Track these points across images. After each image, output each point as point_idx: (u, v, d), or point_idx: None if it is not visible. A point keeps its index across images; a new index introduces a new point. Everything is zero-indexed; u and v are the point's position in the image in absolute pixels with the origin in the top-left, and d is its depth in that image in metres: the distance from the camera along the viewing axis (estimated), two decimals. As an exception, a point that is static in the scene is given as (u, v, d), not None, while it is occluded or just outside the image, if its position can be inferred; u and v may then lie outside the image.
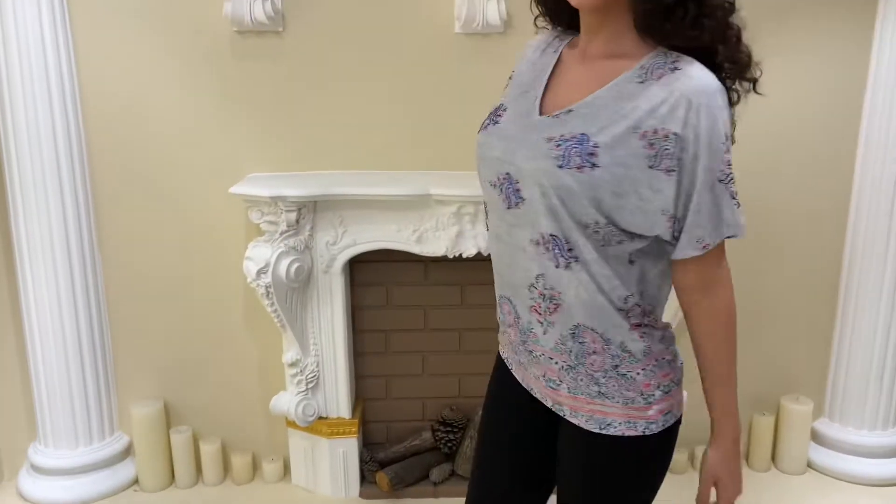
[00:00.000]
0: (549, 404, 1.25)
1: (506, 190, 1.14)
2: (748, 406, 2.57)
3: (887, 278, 2.37)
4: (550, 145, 1.08)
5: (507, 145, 1.14)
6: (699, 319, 1.16)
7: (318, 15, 2.19)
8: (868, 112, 2.35)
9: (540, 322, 1.17)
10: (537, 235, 1.12)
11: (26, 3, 2.05)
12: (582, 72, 1.15)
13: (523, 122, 1.15)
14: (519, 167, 1.11)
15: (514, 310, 1.21)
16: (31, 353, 2.29)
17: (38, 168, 2.15)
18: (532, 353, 1.21)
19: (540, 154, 1.08)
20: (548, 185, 1.07)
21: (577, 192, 1.06)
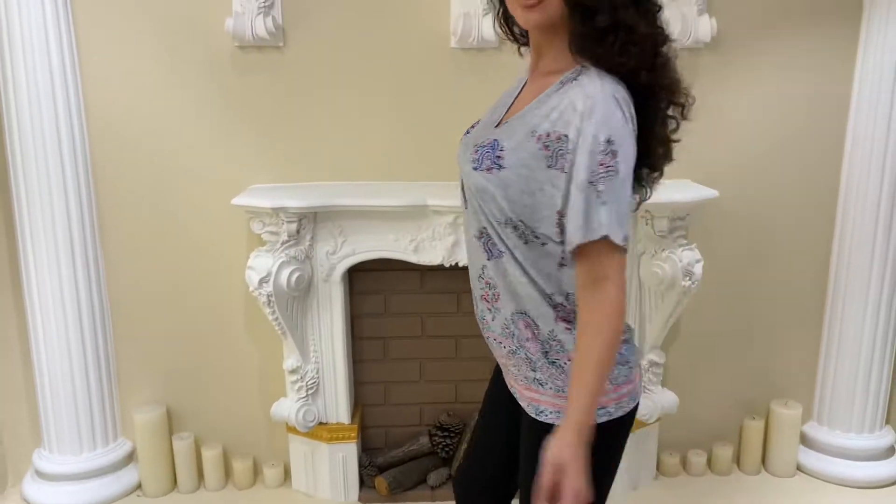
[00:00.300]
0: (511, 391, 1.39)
1: (463, 192, 1.34)
2: (739, 410, 2.63)
3: (872, 286, 2.43)
4: (471, 151, 1.27)
5: (461, 154, 1.33)
6: (581, 311, 1.19)
7: (318, 30, 2.24)
8: (853, 125, 2.41)
9: (489, 309, 1.32)
10: (476, 231, 1.29)
11: (32, 19, 2.10)
12: (530, 88, 1.29)
13: (477, 133, 1.33)
14: (463, 172, 1.31)
15: (475, 301, 1.37)
16: (36, 359, 2.34)
17: (44, 178, 2.20)
18: (489, 339, 1.36)
19: (467, 160, 1.28)
20: (471, 186, 1.27)
21: (490, 191, 1.22)
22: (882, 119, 2.33)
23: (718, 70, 2.33)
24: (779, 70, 2.36)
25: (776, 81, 2.37)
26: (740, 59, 2.34)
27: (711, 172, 2.39)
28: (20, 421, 2.49)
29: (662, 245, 2.24)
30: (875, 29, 2.31)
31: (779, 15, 2.32)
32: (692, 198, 2.19)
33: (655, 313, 2.34)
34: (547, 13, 1.19)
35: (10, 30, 2.10)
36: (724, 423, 2.63)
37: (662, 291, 2.27)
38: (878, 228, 2.39)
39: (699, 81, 2.32)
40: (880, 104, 2.33)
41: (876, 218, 2.39)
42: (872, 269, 2.42)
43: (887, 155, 2.34)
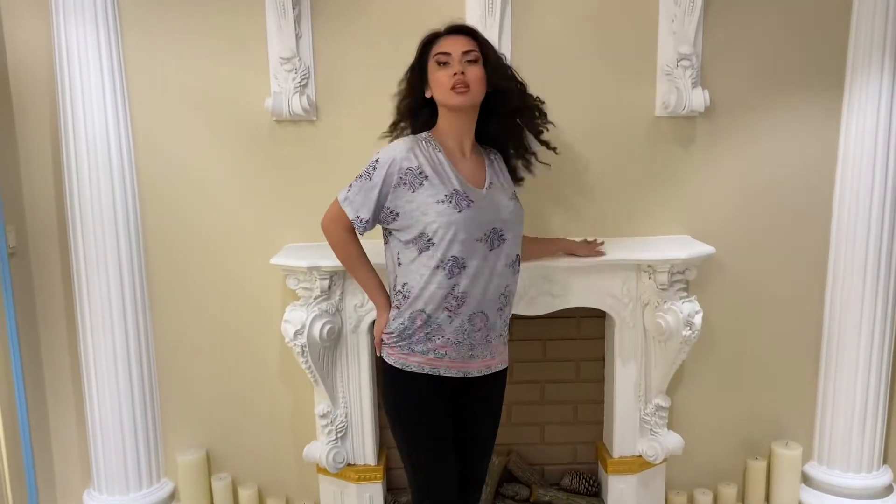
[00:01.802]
0: (482, 373, 1.93)
1: (490, 238, 1.84)
2: (742, 451, 2.78)
3: (863, 331, 2.58)
4: (508, 197, 1.93)
5: (491, 209, 1.86)
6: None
7: (347, 107, 2.48)
8: (840, 181, 2.59)
9: (500, 315, 1.92)
10: (514, 257, 1.91)
11: (93, 96, 2.36)
12: (471, 163, 1.92)
13: (478, 194, 1.88)
14: (504, 220, 1.87)
15: (486, 316, 1.88)
16: (88, 406, 2.54)
17: (100, 237, 2.42)
18: (489, 341, 1.91)
19: (504, 207, 1.90)
20: (515, 221, 1.90)
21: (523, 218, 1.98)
22: (866, 175, 2.51)
23: (712, 136, 2.54)
24: (769, 134, 2.56)
25: (767, 144, 2.56)
26: (732, 126, 2.55)
27: (709, 228, 2.58)
28: (72, 463, 2.69)
29: (664, 297, 2.42)
30: (857, 93, 2.51)
31: (767, 84, 2.53)
32: (690, 254, 2.38)
33: (659, 360, 2.51)
34: (471, 98, 1.83)
35: (73, 106, 2.35)
36: (728, 463, 2.77)
37: (665, 340, 2.45)
38: (866, 278, 2.56)
39: (695, 146, 2.57)
40: (864, 162, 2.51)
41: (864, 268, 2.55)
42: (863, 315, 2.58)
43: (872, 208, 2.52)
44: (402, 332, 1.89)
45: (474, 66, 1.84)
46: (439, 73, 1.84)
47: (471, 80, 1.82)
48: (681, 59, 2.42)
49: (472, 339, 1.88)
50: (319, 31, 2.43)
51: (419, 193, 1.82)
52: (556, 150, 2.14)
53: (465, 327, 1.87)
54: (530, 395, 2.73)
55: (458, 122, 1.88)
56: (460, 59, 1.83)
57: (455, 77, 1.80)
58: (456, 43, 1.84)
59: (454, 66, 1.82)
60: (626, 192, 2.56)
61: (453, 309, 1.84)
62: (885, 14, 2.42)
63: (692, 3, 2.36)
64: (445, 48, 1.84)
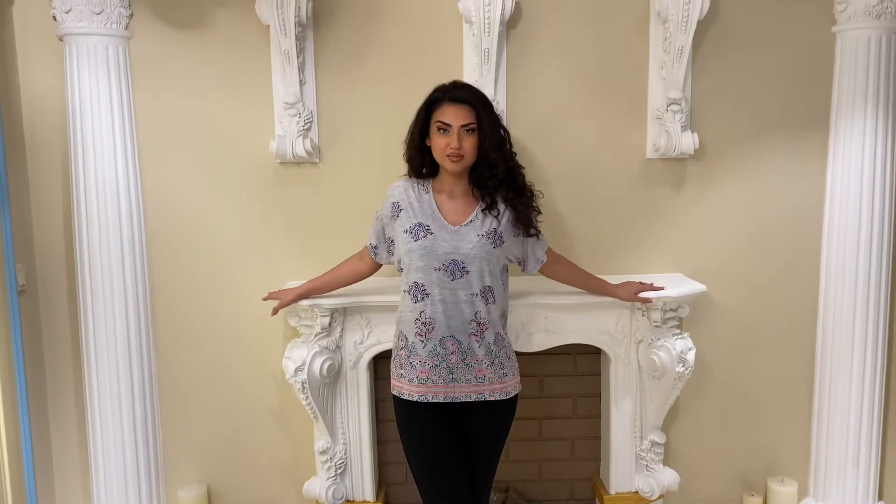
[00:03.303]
0: (471, 398, 2.06)
1: (450, 268, 2.02)
2: (738, 487, 2.80)
3: (855, 367, 2.63)
4: (476, 235, 2.07)
5: (452, 242, 2.03)
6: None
7: (349, 150, 2.56)
8: (828, 218, 2.65)
9: (477, 341, 2.04)
10: (477, 290, 2.05)
11: (104, 143, 2.45)
12: (457, 204, 2.11)
13: (446, 228, 2.07)
14: (465, 253, 2.03)
15: (458, 341, 2.03)
16: (92, 439, 2.57)
17: (107, 273, 2.49)
18: (469, 365, 2.04)
19: (471, 241, 2.06)
20: (478, 255, 2.05)
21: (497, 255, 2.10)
22: (853, 215, 2.58)
23: (702, 177, 2.62)
24: (757, 175, 2.64)
25: (755, 185, 2.64)
26: (721, 168, 2.63)
27: (700, 266, 2.65)
28: (75, 496, 2.71)
29: (657, 334, 2.47)
30: (842, 136, 2.59)
31: (754, 127, 2.61)
32: (682, 292, 2.44)
33: (654, 396, 2.56)
34: (464, 164, 2.05)
35: (84, 150, 2.44)
36: (724, 499, 2.79)
37: (659, 377, 2.50)
38: (856, 315, 2.61)
39: (685, 187, 2.64)
40: (850, 202, 2.58)
41: (854, 305, 2.61)
42: (854, 352, 2.63)
43: (860, 246, 2.58)
44: (394, 354, 2.15)
45: (471, 136, 2.04)
46: (439, 138, 2.05)
47: (466, 151, 2.03)
48: (670, 103, 2.51)
49: (449, 363, 2.05)
50: (322, 77, 2.53)
51: (397, 224, 2.12)
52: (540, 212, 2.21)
53: (438, 350, 2.04)
54: (528, 431, 2.76)
55: (450, 176, 2.12)
56: (459, 131, 2.02)
57: (451, 147, 2.02)
58: (458, 114, 2.03)
59: (452, 138, 2.02)
60: (618, 231, 2.63)
61: (423, 333, 2.05)
62: (866, 59, 2.51)
63: (681, 50, 2.45)
64: (447, 118, 2.03)
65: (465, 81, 2.15)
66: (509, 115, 2.54)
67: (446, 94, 2.05)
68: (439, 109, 2.05)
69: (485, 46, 2.43)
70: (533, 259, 2.22)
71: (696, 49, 2.52)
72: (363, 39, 2.52)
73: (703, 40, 2.54)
